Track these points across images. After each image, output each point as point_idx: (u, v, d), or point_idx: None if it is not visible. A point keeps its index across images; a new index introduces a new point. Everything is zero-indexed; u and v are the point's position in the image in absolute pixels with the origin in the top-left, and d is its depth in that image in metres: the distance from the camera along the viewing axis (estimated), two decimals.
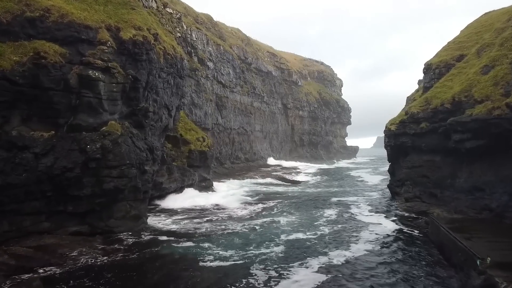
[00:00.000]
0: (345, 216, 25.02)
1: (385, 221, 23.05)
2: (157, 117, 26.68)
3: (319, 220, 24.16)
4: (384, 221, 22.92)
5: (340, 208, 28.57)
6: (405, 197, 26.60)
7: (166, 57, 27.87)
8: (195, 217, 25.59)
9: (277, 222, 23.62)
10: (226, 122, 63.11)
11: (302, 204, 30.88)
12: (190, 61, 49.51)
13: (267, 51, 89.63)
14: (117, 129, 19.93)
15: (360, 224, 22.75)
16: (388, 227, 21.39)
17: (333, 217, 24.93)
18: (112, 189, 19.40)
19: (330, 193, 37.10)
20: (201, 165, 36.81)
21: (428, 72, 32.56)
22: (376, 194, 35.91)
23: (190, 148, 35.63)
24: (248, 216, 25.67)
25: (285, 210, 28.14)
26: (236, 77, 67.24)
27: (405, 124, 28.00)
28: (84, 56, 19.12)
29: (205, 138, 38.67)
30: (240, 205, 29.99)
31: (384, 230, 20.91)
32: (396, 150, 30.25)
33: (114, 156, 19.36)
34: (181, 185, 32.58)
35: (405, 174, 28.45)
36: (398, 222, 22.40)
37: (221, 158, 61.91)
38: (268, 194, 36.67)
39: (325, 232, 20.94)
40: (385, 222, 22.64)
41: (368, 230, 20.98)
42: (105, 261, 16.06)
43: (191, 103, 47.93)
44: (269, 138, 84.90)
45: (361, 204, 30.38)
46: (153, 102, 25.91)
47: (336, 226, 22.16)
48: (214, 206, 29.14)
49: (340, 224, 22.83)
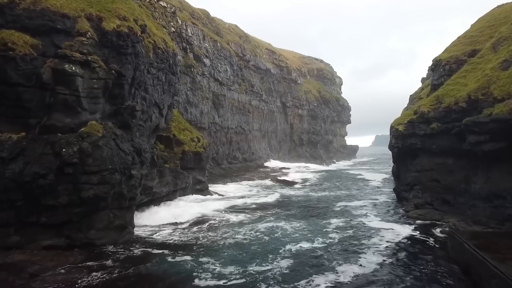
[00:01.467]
0: (352, 223, 22.97)
1: (396, 230, 21.00)
2: (146, 117, 24.62)
3: (324, 228, 22.19)
4: (395, 231, 20.87)
5: (345, 214, 26.57)
6: (414, 203, 24.60)
7: (157, 52, 25.80)
8: (190, 225, 23.53)
9: (281, 230, 21.68)
10: (223, 121, 61.01)
11: (305, 209, 28.81)
12: (185, 57, 47.43)
13: (266, 48, 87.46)
14: (97, 130, 17.84)
15: (369, 233, 20.75)
16: (399, 238, 19.37)
17: (339, 224, 22.87)
18: (92, 197, 17.33)
19: (334, 197, 35.09)
20: (195, 167, 34.73)
21: (437, 69, 30.54)
22: (381, 198, 33.90)
23: (184, 149, 33.55)
24: (249, 223, 23.57)
25: (288, 215, 26.12)
26: (234, 75, 65.12)
27: (414, 124, 25.98)
28: (59, 48, 17.01)
29: (200, 138, 36.59)
30: (239, 211, 27.90)
31: (396, 241, 18.89)
32: (403, 152, 28.23)
33: (94, 161, 17.28)
34: (174, 188, 30.50)
35: (414, 178, 26.44)
36: (410, 232, 20.36)
37: (218, 158, 59.83)
38: (269, 197, 34.58)
39: (332, 242, 19.01)
40: (396, 232, 20.59)
41: (378, 241, 18.97)
42: (84, 281, 14.01)
43: (186, 101, 45.83)
44: (267, 137, 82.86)
45: (367, 209, 28.37)
46: (141, 100, 23.84)
47: (343, 236, 20.18)
48: (210, 213, 27.05)
49: (348, 233, 20.84)
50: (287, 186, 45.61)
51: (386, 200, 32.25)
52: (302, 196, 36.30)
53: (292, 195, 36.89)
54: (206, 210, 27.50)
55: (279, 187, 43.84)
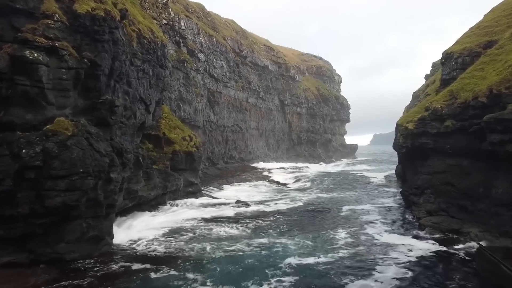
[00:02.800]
0: (360, 233, 20.43)
1: (410, 242, 18.56)
2: (129, 113, 22.16)
3: (329, 238, 19.87)
4: (409, 242, 18.45)
5: (351, 221, 24.12)
6: (427, 209, 22.23)
7: (142, 41, 23.34)
8: (177, 233, 21.07)
9: (282, 241, 19.18)
10: (219, 119, 58.52)
11: (306, 216, 26.23)
12: (178, 51, 44.91)
13: (264, 44, 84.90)
14: (66, 127, 15.37)
15: (379, 244, 18.36)
16: (416, 253, 16.93)
17: (345, 235, 20.19)
18: (59, 206, 14.89)
19: (337, 201, 32.62)
20: (187, 168, 32.28)
21: (448, 62, 28.19)
22: (388, 201, 31.44)
23: (175, 148, 31.09)
24: (244, 233, 21.09)
25: (288, 223, 23.66)
26: (230, 71, 62.62)
27: (426, 122, 23.63)
28: (19, 31, 14.55)
29: (192, 137, 34.13)
30: (234, 218, 25.40)
31: (412, 256, 16.47)
32: (412, 152, 25.88)
33: (61, 163, 14.83)
34: (163, 192, 28.07)
35: (424, 181, 24.10)
36: (427, 245, 17.89)
37: (214, 158, 57.37)
38: (266, 202, 32.04)
39: (339, 257, 16.61)
40: (410, 244, 18.13)
41: (391, 255, 16.58)
42: None
43: (179, 98, 43.32)
44: (265, 136, 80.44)
45: (374, 214, 25.94)
46: (123, 95, 21.39)
47: (351, 249, 17.77)
48: (201, 220, 24.58)
49: (355, 245, 18.41)
50: (287, 189, 43.21)
51: (393, 205, 29.85)
52: (304, 200, 33.87)
53: (293, 199, 34.47)
54: (196, 217, 25.07)
55: (276, 191, 41.39)
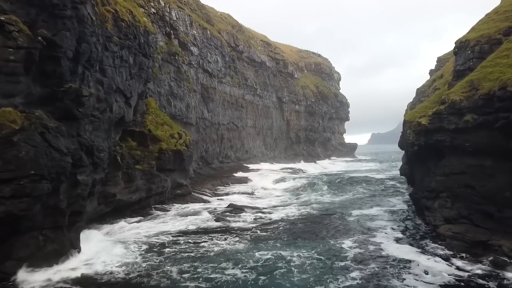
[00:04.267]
0: (370, 248, 17.29)
1: (432, 258, 15.63)
2: (104, 106, 19.33)
3: (337, 251, 17.01)
4: (431, 259, 15.55)
5: (358, 228, 21.39)
6: (444, 215, 19.48)
7: (119, 24, 20.49)
8: (155, 249, 18.15)
9: (283, 255, 16.16)
10: (213, 117, 55.68)
11: (311, 222, 23.25)
12: (168, 43, 42.03)
13: (261, 40, 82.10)
14: (13, 120, 12.53)
15: (391, 260, 15.54)
16: (435, 273, 14.17)
17: (354, 250, 17.20)
18: (3, 217, 12.07)
19: (339, 205, 29.90)
20: (175, 168, 29.46)
21: (463, 51, 25.43)
22: (396, 205, 28.53)
23: (161, 147, 28.26)
24: (241, 247, 17.72)
25: (290, 232, 20.57)
26: (226, 66, 59.76)
27: (442, 116, 20.86)
28: None
29: (182, 134, 31.31)
30: (226, 226, 22.56)
31: (438, 279, 13.73)
32: (425, 150, 23.13)
33: (5, 164, 12.01)
34: (147, 194, 25.26)
35: (440, 183, 21.34)
36: (450, 263, 15.11)
37: (208, 157, 54.55)
38: (265, 208, 28.88)
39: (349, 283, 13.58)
40: (433, 262, 15.24)
41: (407, 278, 13.81)
42: None
43: (169, 93, 40.46)
44: (262, 134, 77.65)
45: (383, 221, 23.08)
46: (96, 84, 18.54)
47: (361, 264, 15.03)
48: (184, 230, 21.36)
49: (365, 260, 15.58)
50: (284, 193, 40.45)
51: (401, 208, 27.08)
52: (304, 206, 31.10)
53: (293, 204, 31.70)
54: (180, 226, 22.06)
55: (275, 196, 38.45)
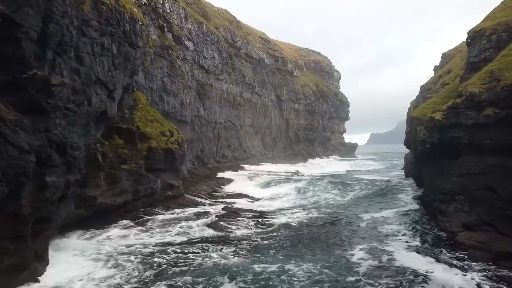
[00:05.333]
0: (382, 259, 15.17)
1: (447, 272, 13.65)
2: (81, 98, 17.18)
3: (347, 262, 14.97)
4: (446, 274, 13.54)
5: (368, 233, 19.33)
6: (463, 221, 17.42)
7: (99, 8, 18.35)
8: (144, 261, 16.07)
9: (287, 274, 13.84)
10: (209, 115, 53.55)
11: (317, 227, 21.14)
12: (161, 37, 39.90)
13: (259, 36, 80.00)
14: None
15: (407, 275, 13.49)
16: None
17: (366, 260, 15.17)
18: None
19: (345, 208, 27.82)
20: (166, 168, 27.36)
21: (477, 42, 23.43)
22: (405, 205, 26.44)
23: (151, 145, 26.15)
24: (239, 260, 15.49)
25: (293, 247, 17.60)
26: (223, 63, 57.66)
27: (459, 110, 18.85)
28: None
29: (173, 132, 29.20)
30: (220, 236, 19.97)
31: None
32: (439, 148, 21.11)
33: None
34: (134, 197, 23.18)
35: (455, 185, 19.31)
36: (473, 278, 13.08)
37: (204, 157, 52.41)
38: (263, 213, 26.70)
39: None
40: (447, 275, 13.28)
41: None
42: None
43: (162, 89, 38.35)
44: (261, 133, 75.56)
45: (394, 225, 20.96)
46: (71, 73, 16.40)
47: (374, 278, 12.99)
48: (178, 240, 19.24)
49: (378, 272, 13.60)
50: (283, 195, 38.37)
51: (411, 210, 24.90)
52: (312, 208, 29.08)
53: (295, 209, 29.63)
54: (169, 233, 19.88)
55: (274, 199, 36.49)
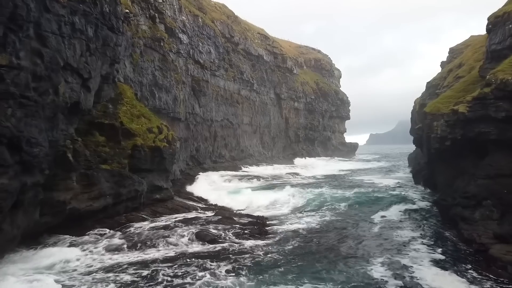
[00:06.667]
0: (404, 276, 12.37)
1: None
2: (45, 85, 14.58)
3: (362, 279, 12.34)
4: None
5: (383, 248, 16.49)
6: (495, 231, 14.81)
7: None
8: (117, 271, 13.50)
9: None
10: (205, 112, 50.94)
11: (321, 241, 18.10)
12: (152, 27, 37.26)
13: (258, 32, 77.33)
14: None
15: None
16: None
17: (390, 283, 12.43)
18: None
19: (355, 212, 25.20)
20: (153, 168, 24.73)
21: (500, 27, 20.86)
22: (418, 209, 23.81)
23: (136, 142, 23.53)
24: (241, 283, 12.61)
25: (302, 263, 14.57)
26: (219, 58, 55.03)
27: (487, 102, 16.25)
28: None
29: (162, 129, 26.58)
30: (215, 251, 16.61)
31: None
32: (459, 146, 18.50)
33: None
34: (115, 200, 20.52)
35: (482, 188, 16.72)
36: None
37: (199, 157, 49.83)
38: (263, 219, 24.40)
39: None
40: None
41: None
42: None
43: (153, 83, 35.71)
44: (259, 132, 72.95)
45: (409, 233, 18.28)
46: (31, 55, 13.79)
47: None
48: (162, 256, 16.12)
49: None
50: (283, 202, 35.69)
51: (425, 215, 22.26)
52: (315, 214, 26.47)
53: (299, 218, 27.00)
54: (151, 246, 16.91)
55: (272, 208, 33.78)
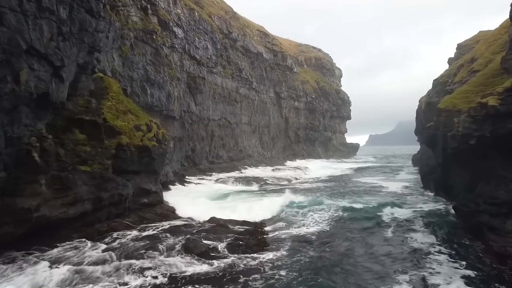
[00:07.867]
0: None
1: None
2: (2, 72, 12.33)
3: None
4: None
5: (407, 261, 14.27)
6: None
7: None
8: None
9: None
10: (202, 111, 48.65)
11: (333, 253, 15.83)
12: (144, 19, 34.98)
13: (257, 29, 75.07)
14: None
15: None
16: None
17: None
18: None
19: (359, 216, 22.87)
20: (141, 169, 22.41)
21: None
22: (431, 209, 21.55)
23: (121, 141, 21.21)
24: None
25: (316, 281, 12.93)
26: (217, 55, 52.76)
27: None
28: None
29: (151, 127, 24.25)
30: (212, 270, 14.96)
31: None
32: (485, 145, 16.19)
33: None
34: (95, 206, 18.18)
35: None
36: None
37: (195, 157, 47.55)
38: (263, 227, 22.18)
39: None
40: None
41: None
42: None
43: (144, 78, 33.42)
44: (258, 132, 70.61)
45: (428, 240, 16.09)
46: None
47: None
48: (149, 271, 14.17)
49: None
50: None
51: (440, 218, 19.96)
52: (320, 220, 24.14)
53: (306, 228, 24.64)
54: (133, 268, 14.39)
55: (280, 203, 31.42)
